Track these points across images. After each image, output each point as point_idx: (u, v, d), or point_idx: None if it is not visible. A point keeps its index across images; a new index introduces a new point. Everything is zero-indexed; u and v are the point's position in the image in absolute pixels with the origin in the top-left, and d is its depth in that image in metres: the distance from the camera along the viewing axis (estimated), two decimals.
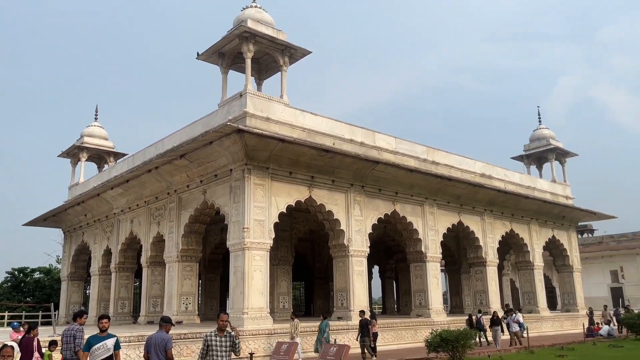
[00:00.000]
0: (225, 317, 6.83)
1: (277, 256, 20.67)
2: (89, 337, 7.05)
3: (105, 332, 7.04)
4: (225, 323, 6.76)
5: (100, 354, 6.84)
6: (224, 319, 6.79)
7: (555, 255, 28.74)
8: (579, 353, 15.94)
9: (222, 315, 6.84)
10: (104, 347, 6.89)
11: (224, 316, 6.83)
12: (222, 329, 6.70)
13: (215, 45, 17.22)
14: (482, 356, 14.69)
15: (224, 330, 6.70)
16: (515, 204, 24.60)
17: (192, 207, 17.52)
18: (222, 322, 6.75)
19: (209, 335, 6.70)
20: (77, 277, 26.90)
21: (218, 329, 6.72)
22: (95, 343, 6.91)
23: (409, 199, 20.01)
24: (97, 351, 6.84)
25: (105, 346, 6.90)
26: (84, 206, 23.99)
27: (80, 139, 26.77)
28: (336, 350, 7.69)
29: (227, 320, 6.83)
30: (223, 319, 6.79)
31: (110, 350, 6.92)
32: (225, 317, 6.83)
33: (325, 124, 17.98)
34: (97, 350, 6.85)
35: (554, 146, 29.11)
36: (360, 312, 15.17)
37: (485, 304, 22.84)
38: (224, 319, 6.79)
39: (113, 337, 7.07)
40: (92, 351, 6.86)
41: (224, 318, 6.80)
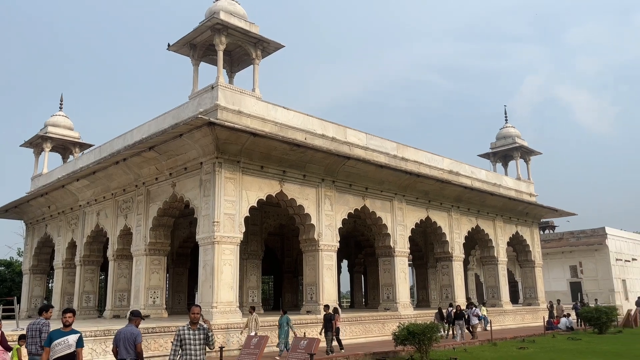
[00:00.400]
0: (197, 309, 6.58)
1: (247, 250, 20.63)
2: (51, 332, 6.74)
3: (69, 327, 6.64)
4: (197, 316, 6.51)
5: (60, 350, 6.44)
6: (196, 311, 6.55)
7: (519, 251, 29.59)
8: (539, 345, 16.52)
9: (193, 308, 6.60)
10: (64, 342, 6.49)
11: (196, 308, 6.58)
12: (194, 322, 6.48)
13: (187, 37, 16.99)
14: (447, 349, 15.06)
15: (196, 323, 6.47)
16: (481, 200, 25.20)
17: (161, 200, 17.29)
18: (193, 314, 6.51)
19: (182, 329, 6.46)
20: (40, 270, 26.20)
21: (190, 322, 6.50)
22: (57, 338, 6.54)
23: (379, 194, 20.25)
24: (58, 347, 6.45)
25: (67, 342, 6.50)
26: (48, 198, 23.36)
27: (44, 129, 26.00)
28: (306, 343, 7.77)
29: (199, 313, 6.58)
30: (194, 311, 6.55)
31: (72, 347, 6.51)
32: (197, 309, 6.58)
33: (297, 119, 18.00)
34: (58, 346, 6.45)
35: (519, 145, 29.90)
36: (324, 307, 15.21)
37: (451, 297, 23.34)
38: (196, 311, 6.55)
39: (76, 334, 6.66)
40: (53, 346, 6.48)
41: (196, 311, 6.55)
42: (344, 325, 17.53)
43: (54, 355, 6.41)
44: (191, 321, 6.49)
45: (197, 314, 6.51)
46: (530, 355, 14.06)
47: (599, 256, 37.15)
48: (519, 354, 14.19)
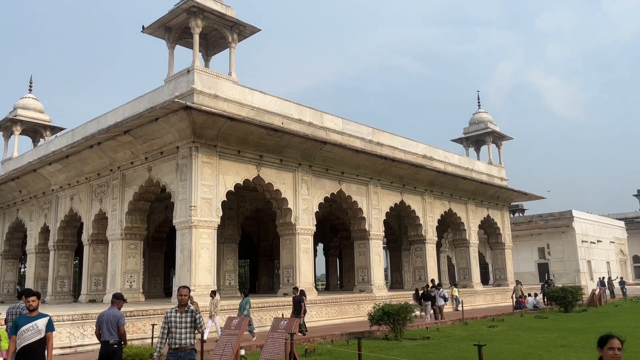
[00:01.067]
0: (184, 291, 6.21)
1: (223, 234, 20.73)
2: (16, 319, 6.21)
3: (35, 311, 6.11)
4: (184, 298, 6.18)
5: (29, 337, 5.90)
6: (183, 293, 6.19)
7: (489, 234, 30.41)
8: (508, 324, 17.19)
9: (181, 289, 6.21)
10: (33, 328, 5.95)
11: (184, 290, 6.21)
12: (182, 304, 6.17)
13: (162, 19, 16.78)
14: (420, 329, 15.55)
15: (184, 305, 6.16)
16: (454, 184, 25.76)
17: (137, 184, 17.20)
18: (181, 296, 6.18)
19: (169, 312, 6.16)
20: (12, 255, 25.78)
21: (178, 304, 6.20)
22: (24, 324, 5.98)
23: (355, 179, 20.53)
24: (26, 333, 5.90)
25: (36, 327, 5.96)
26: (19, 182, 22.92)
27: (13, 112, 25.37)
28: (286, 323, 8.01)
29: (186, 295, 6.21)
30: (182, 293, 6.19)
31: (42, 332, 5.97)
32: (184, 291, 6.21)
33: (274, 103, 18.05)
34: (26, 332, 5.91)
35: (491, 130, 30.55)
36: (294, 289, 15.29)
37: (424, 279, 23.92)
38: (183, 293, 6.19)
39: (45, 317, 6.13)
40: (20, 333, 5.91)
41: (184, 292, 6.19)
42: (320, 307, 17.90)
43: (23, 342, 5.87)
44: (179, 303, 6.22)
45: (184, 295, 6.20)
46: (499, 332, 14.66)
47: (565, 238, 38.49)
48: (489, 332, 14.77)
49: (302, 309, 14.30)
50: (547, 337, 13.66)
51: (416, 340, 13.06)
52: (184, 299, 6.17)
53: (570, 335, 13.96)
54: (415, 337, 13.50)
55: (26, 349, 5.83)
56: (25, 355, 5.79)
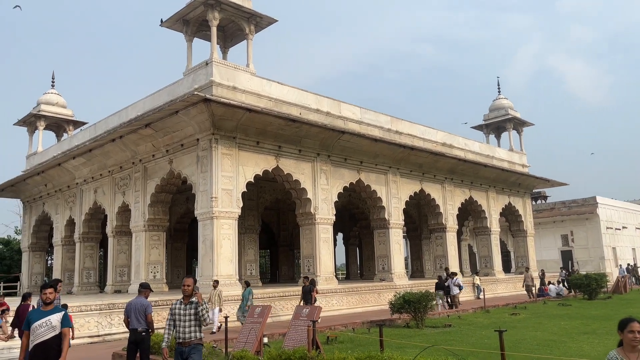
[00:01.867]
0: (188, 281, 5.88)
1: (244, 225, 20.94)
2: (30, 312, 5.62)
3: (50, 304, 5.37)
4: (188, 288, 5.81)
5: (42, 334, 5.17)
6: (187, 283, 5.85)
7: (511, 221, 30.12)
8: (530, 311, 17.07)
9: (185, 279, 5.90)
10: (47, 324, 5.19)
11: (188, 280, 5.88)
12: (185, 294, 5.83)
13: (180, 12, 16.91)
14: (442, 316, 15.55)
15: (189, 296, 5.82)
16: (474, 172, 25.53)
17: (158, 176, 17.46)
18: (184, 287, 5.83)
19: (174, 304, 5.88)
20: (39, 247, 26.47)
21: (183, 296, 5.88)
22: (37, 319, 5.24)
23: (374, 168, 20.50)
24: (39, 329, 5.19)
25: (49, 323, 5.20)
26: (44, 176, 23.45)
27: (37, 107, 25.90)
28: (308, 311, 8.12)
29: (189, 285, 5.84)
30: (186, 283, 5.86)
31: (56, 329, 5.22)
32: (188, 281, 5.88)
33: (292, 94, 18.09)
34: (39, 329, 5.19)
35: (512, 116, 30.13)
36: (304, 279, 15.35)
37: (445, 267, 23.83)
38: (187, 283, 5.85)
39: (60, 311, 5.38)
40: (33, 329, 5.21)
41: (187, 282, 5.86)
42: (341, 296, 18.03)
43: (36, 339, 5.18)
44: (183, 294, 5.87)
45: (187, 286, 5.83)
46: (522, 320, 14.57)
47: (589, 225, 37.86)
48: (511, 319, 14.69)
49: (312, 298, 14.21)
50: (570, 324, 13.55)
51: (437, 328, 13.08)
52: (187, 289, 5.82)
53: (594, 322, 13.82)
54: (436, 325, 13.52)
55: (39, 346, 5.16)
56: (38, 353, 5.15)
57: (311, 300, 14.17)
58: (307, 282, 14.73)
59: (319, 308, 8.21)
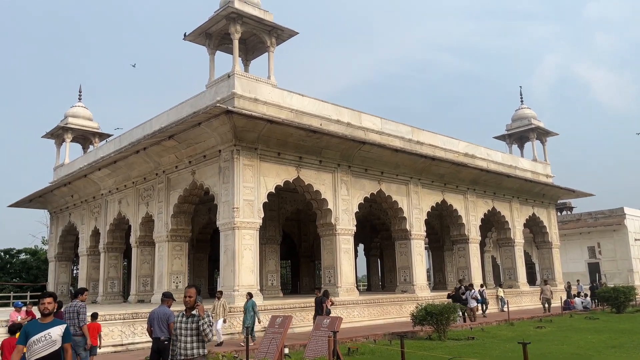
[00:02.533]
0: (190, 291, 5.24)
1: (265, 235, 21.03)
2: (25, 325, 4.98)
3: (49, 316, 4.78)
4: (189, 300, 5.20)
5: (40, 349, 4.62)
6: (188, 294, 5.23)
7: (535, 232, 29.60)
8: (556, 325, 16.71)
9: (187, 289, 5.28)
10: (45, 338, 4.63)
11: (189, 290, 5.25)
12: (187, 306, 5.25)
13: (202, 26, 17.22)
14: (465, 329, 15.32)
15: (191, 308, 5.24)
16: (497, 182, 25.23)
17: (181, 187, 17.70)
18: (186, 298, 5.24)
19: (177, 316, 5.37)
20: (65, 257, 26.99)
21: (185, 308, 5.30)
22: (35, 333, 4.69)
23: (395, 178, 20.43)
24: (36, 345, 4.63)
25: (48, 337, 4.64)
26: (71, 187, 23.97)
27: (64, 120, 26.56)
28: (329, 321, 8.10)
29: (192, 296, 5.21)
30: (187, 294, 5.24)
31: (56, 344, 4.67)
32: (190, 291, 5.24)
33: (312, 105, 18.20)
34: (37, 343, 4.63)
35: (535, 126, 29.73)
36: (316, 290, 15.18)
37: (468, 279, 23.52)
38: (188, 294, 5.23)
39: (61, 324, 4.85)
40: (30, 344, 4.66)
41: (188, 293, 5.23)
42: (362, 307, 17.92)
43: (32, 356, 4.62)
44: (185, 306, 5.30)
45: (189, 297, 5.20)
46: (547, 333, 14.27)
47: (617, 237, 36.98)
48: (536, 333, 14.40)
49: (323, 310, 13.84)
50: (597, 338, 13.21)
51: (460, 341, 12.90)
52: (189, 301, 5.21)
53: (622, 336, 13.45)
54: (459, 338, 13.33)
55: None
56: None
57: (322, 312, 13.83)
58: (319, 293, 14.51)
59: (340, 319, 8.18)
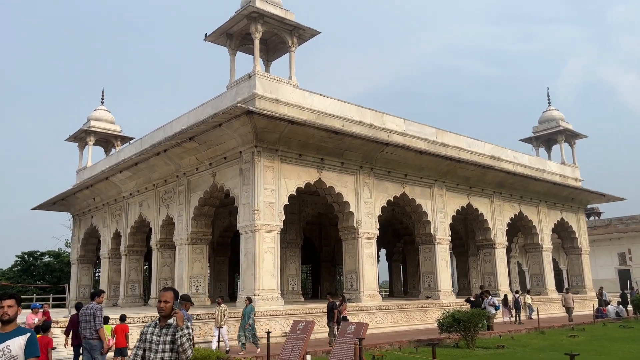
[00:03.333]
0: (166, 295, 4.01)
1: (286, 239, 20.71)
2: None
3: (11, 324, 3.67)
4: (165, 306, 3.98)
5: None
6: (163, 298, 4.00)
7: (564, 238, 28.68)
8: (590, 333, 15.96)
9: (162, 293, 4.05)
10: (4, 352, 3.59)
11: (165, 294, 4.02)
12: (162, 315, 4.02)
13: (223, 26, 17.04)
14: (493, 337, 14.72)
15: (167, 317, 3.99)
16: (524, 186, 24.49)
17: (202, 189, 17.51)
18: (160, 304, 4.00)
19: (147, 326, 4.10)
20: (87, 260, 27.09)
21: (159, 317, 4.07)
22: None
23: (418, 181, 19.92)
24: None
25: (7, 351, 3.59)
26: (93, 190, 24.04)
27: (87, 123, 26.73)
28: (354, 328, 7.69)
29: (168, 301, 3.99)
30: (162, 298, 4.00)
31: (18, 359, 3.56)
32: (166, 295, 4.01)
33: (334, 106, 17.85)
34: None
35: (564, 128, 28.84)
36: (328, 295, 14.64)
37: (494, 285, 22.86)
38: (163, 298, 4.00)
39: (24, 334, 3.68)
40: None
41: (163, 297, 4.00)
42: (385, 313, 17.44)
43: None
44: (159, 314, 4.05)
45: (164, 302, 3.98)
46: (581, 343, 13.57)
47: None
48: (570, 342, 13.71)
49: (334, 316, 13.23)
50: (635, 347, 12.51)
51: (489, 349, 12.33)
52: (164, 307, 3.98)
53: None
54: (488, 346, 12.76)
55: None
56: None
57: (334, 318, 13.27)
58: (331, 298, 13.94)
59: (366, 325, 7.77)
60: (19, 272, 32.32)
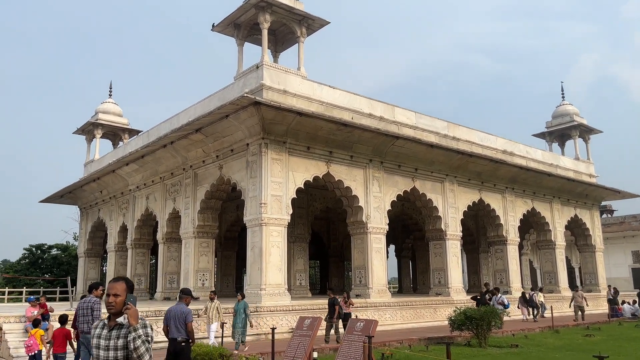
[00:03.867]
0: (116, 287, 3.27)
1: (293, 233, 20.40)
2: None
3: None
4: (115, 300, 3.24)
5: None
6: (113, 291, 3.26)
7: (577, 235, 28.10)
8: (606, 333, 15.49)
9: (110, 284, 3.32)
10: None
11: (115, 286, 3.28)
12: (111, 312, 3.28)
13: (231, 16, 16.69)
14: (506, 335, 14.30)
15: (118, 314, 3.26)
16: (537, 181, 23.96)
17: (208, 182, 17.22)
18: (109, 297, 3.26)
19: (94, 328, 3.37)
20: (94, 253, 26.96)
21: (108, 315, 3.34)
22: None
23: (429, 175, 19.49)
24: None
25: None
26: (100, 183, 23.87)
27: (94, 116, 26.55)
28: (363, 325, 7.34)
29: (119, 295, 3.25)
30: (111, 291, 3.26)
31: None
32: (116, 287, 3.27)
33: (343, 98, 17.46)
34: None
35: (578, 123, 28.21)
36: (328, 291, 14.28)
37: (506, 283, 22.41)
38: (113, 291, 3.26)
39: None
40: None
41: (113, 290, 3.26)
42: (394, 310, 17.08)
43: None
44: (107, 312, 3.32)
45: (114, 296, 3.25)
46: (598, 343, 13.11)
47: None
48: (586, 342, 13.28)
49: (335, 312, 12.78)
50: None
51: (503, 348, 11.92)
52: (113, 302, 3.24)
53: None
54: (501, 345, 12.35)
55: None
56: None
57: (335, 315, 12.82)
58: (332, 294, 13.50)
59: (375, 322, 7.42)
60: (27, 265, 32.30)
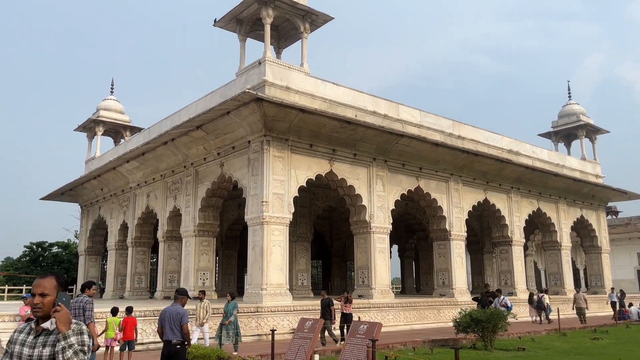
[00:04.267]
0: (44, 285, 2.64)
1: (295, 232, 20.12)
2: None
3: None
4: (42, 302, 2.62)
5: None
6: (39, 289, 2.63)
7: (583, 236, 27.74)
8: (614, 336, 15.17)
9: (37, 282, 2.67)
10: None
11: (41, 283, 2.64)
12: (38, 315, 2.64)
13: (233, 11, 16.42)
14: (512, 338, 13.98)
15: (45, 318, 2.62)
16: (543, 181, 23.62)
17: (209, 180, 16.97)
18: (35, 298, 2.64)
19: (16, 332, 2.72)
20: (94, 251, 26.74)
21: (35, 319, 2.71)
22: None
23: (434, 174, 19.19)
24: None
25: None
26: (100, 180, 23.64)
27: (96, 113, 26.32)
28: (367, 328, 7.06)
29: (46, 294, 2.63)
30: (37, 290, 2.64)
31: None
32: (44, 285, 2.64)
33: (347, 95, 17.17)
34: None
35: (585, 122, 27.83)
36: (322, 291, 13.98)
37: (510, 284, 22.08)
38: (39, 289, 2.63)
39: None
40: None
41: (39, 288, 2.63)
42: (397, 311, 16.78)
43: None
44: (34, 315, 2.69)
45: (40, 296, 2.63)
46: (607, 346, 12.79)
47: None
48: (594, 345, 12.96)
49: (331, 313, 12.44)
50: None
51: (509, 352, 11.62)
52: (40, 304, 2.62)
53: None
54: (507, 348, 12.05)
55: None
56: None
57: (331, 316, 12.44)
58: (326, 294, 13.16)
59: (379, 325, 7.13)
60: (28, 263, 32.14)
